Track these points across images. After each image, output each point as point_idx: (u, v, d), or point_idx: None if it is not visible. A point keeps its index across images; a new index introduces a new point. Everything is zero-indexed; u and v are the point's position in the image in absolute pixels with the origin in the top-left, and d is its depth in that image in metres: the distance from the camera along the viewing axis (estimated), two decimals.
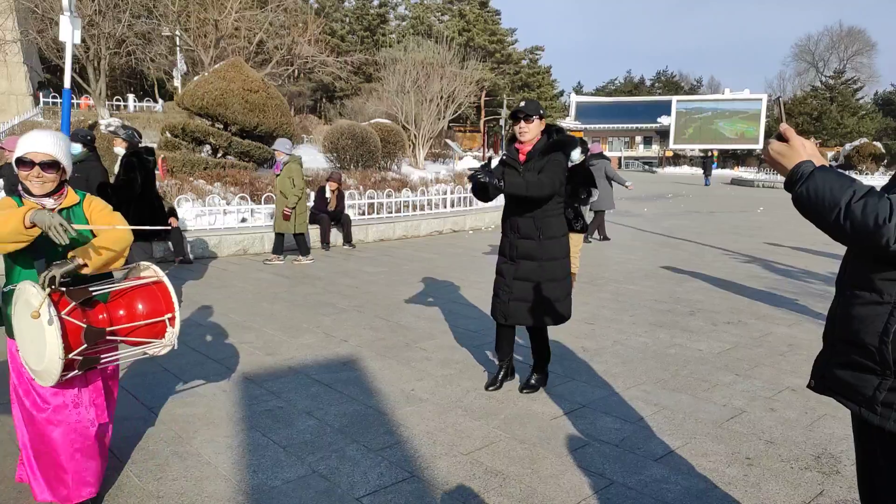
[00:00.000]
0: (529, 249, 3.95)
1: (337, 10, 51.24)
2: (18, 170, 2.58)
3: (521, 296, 3.99)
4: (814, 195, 1.54)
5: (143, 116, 23.22)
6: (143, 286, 2.77)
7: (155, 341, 2.77)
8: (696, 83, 77.38)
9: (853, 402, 1.67)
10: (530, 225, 3.92)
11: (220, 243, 9.77)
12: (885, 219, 1.43)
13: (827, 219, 1.52)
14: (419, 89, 23.31)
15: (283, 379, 4.44)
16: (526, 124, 3.87)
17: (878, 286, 1.57)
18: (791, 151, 1.62)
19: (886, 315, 1.55)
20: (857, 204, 1.46)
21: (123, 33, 21.58)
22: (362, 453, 3.33)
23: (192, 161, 13.16)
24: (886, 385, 1.57)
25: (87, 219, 2.73)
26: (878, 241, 1.45)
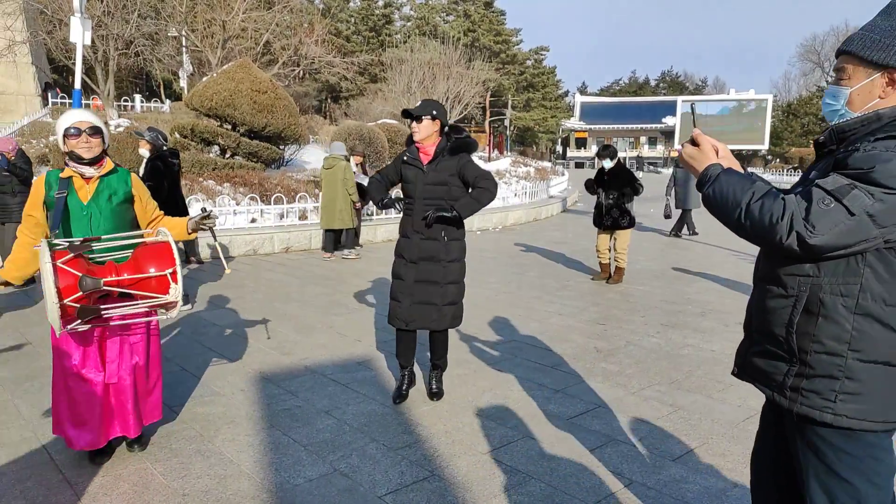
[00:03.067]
0: (433, 251, 3.86)
1: (342, 10, 51.33)
2: (67, 141, 2.99)
3: (423, 299, 3.89)
4: (719, 195, 1.67)
5: (150, 117, 23.29)
6: (150, 245, 2.97)
7: (160, 297, 2.91)
8: (700, 83, 77.32)
9: (767, 387, 1.80)
10: (436, 226, 3.84)
11: (231, 244, 9.82)
12: (778, 217, 1.55)
13: (731, 217, 1.65)
14: (425, 89, 23.36)
15: (299, 378, 4.48)
16: (417, 124, 3.83)
17: (783, 280, 1.70)
18: (701, 155, 1.76)
19: (791, 307, 1.68)
20: (756, 204, 1.59)
21: (131, 34, 21.68)
22: (382, 452, 3.36)
23: (202, 161, 13.23)
24: (794, 371, 1.71)
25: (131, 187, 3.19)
26: (773, 237, 1.57)
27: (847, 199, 1.51)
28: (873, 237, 1.53)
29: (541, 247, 11.15)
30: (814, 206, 1.53)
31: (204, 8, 25.80)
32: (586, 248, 10.47)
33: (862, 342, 1.61)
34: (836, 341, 1.63)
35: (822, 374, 1.66)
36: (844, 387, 1.63)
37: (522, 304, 6.76)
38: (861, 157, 1.55)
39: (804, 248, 1.55)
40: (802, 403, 1.69)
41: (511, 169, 20.76)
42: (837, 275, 1.61)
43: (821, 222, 1.52)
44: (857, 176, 1.53)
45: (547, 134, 60.59)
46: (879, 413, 1.63)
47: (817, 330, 1.64)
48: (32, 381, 4.37)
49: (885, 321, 1.59)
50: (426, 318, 3.91)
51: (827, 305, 1.62)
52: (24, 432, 3.54)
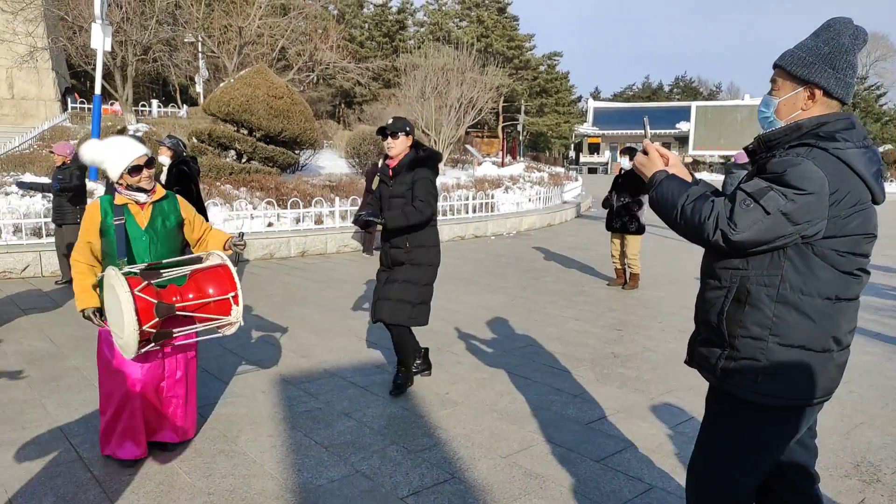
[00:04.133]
0: (399, 256, 4.15)
1: (356, 16, 51.62)
2: (129, 177, 3.02)
3: (385, 295, 4.16)
4: (661, 198, 1.88)
5: (167, 122, 23.56)
6: (209, 269, 3.07)
7: (223, 318, 3.06)
8: (715, 88, 76.89)
9: (706, 371, 1.99)
10: (399, 235, 4.10)
11: (248, 247, 9.92)
12: (706, 217, 1.76)
13: (670, 217, 1.86)
14: (439, 95, 23.44)
15: (319, 381, 4.52)
16: (392, 140, 4.03)
17: (717, 274, 1.89)
18: (650, 163, 1.97)
19: (723, 297, 1.87)
20: (689, 206, 1.81)
21: (149, 40, 21.96)
22: (403, 454, 3.39)
23: (218, 166, 13.36)
24: (724, 355, 1.90)
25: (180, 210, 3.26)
26: (702, 235, 1.78)
27: (764, 200, 1.69)
28: (789, 233, 1.71)
29: (556, 252, 11.15)
30: (736, 207, 1.72)
31: (220, 14, 26.08)
32: (601, 254, 10.47)
33: (781, 328, 1.79)
34: (760, 327, 1.81)
35: (747, 357, 1.84)
36: (766, 368, 1.82)
37: (538, 309, 6.78)
38: (777, 162, 1.74)
39: (728, 244, 1.74)
40: (729, 383, 1.89)
41: (525, 174, 20.76)
42: (762, 267, 1.79)
43: (742, 221, 1.70)
44: (773, 179, 1.72)
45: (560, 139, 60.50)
46: (795, 392, 1.82)
47: (744, 317, 1.83)
48: (59, 380, 4.45)
49: (802, 309, 1.77)
50: (383, 312, 4.14)
51: (753, 295, 1.81)
52: (52, 430, 3.61)
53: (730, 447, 1.94)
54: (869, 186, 1.75)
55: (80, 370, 4.66)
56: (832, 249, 1.74)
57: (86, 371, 4.61)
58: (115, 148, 3.06)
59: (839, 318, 1.81)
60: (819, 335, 1.80)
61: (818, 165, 1.69)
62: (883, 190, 1.82)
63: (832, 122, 1.77)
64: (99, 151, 3.08)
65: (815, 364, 1.81)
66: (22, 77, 22.15)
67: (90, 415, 3.84)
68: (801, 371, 1.81)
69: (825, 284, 1.76)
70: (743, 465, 1.93)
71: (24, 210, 9.59)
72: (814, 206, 1.68)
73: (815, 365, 1.81)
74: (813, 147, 1.74)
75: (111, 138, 3.16)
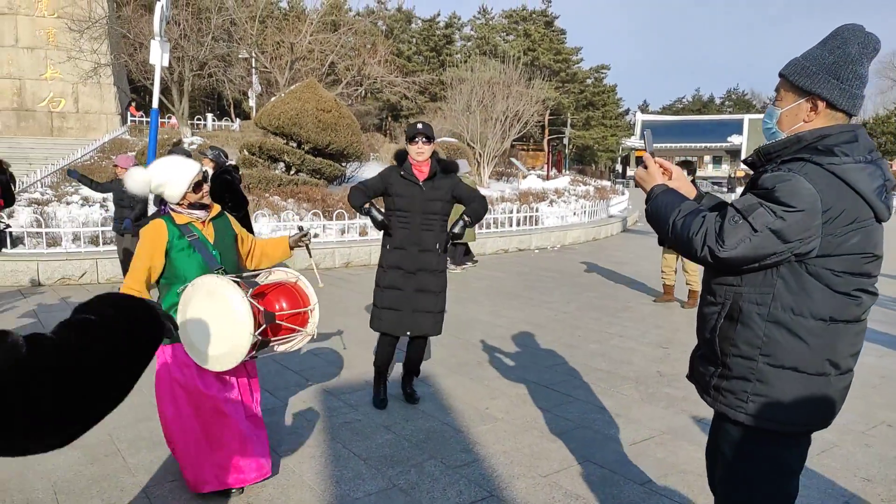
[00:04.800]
0: (429, 261, 4.10)
1: (404, 31, 52.37)
2: (194, 194, 2.98)
3: (423, 308, 4.10)
4: (654, 212, 1.87)
5: (221, 135, 24.28)
6: (286, 284, 3.12)
7: (303, 329, 3.08)
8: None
9: (701, 387, 1.95)
10: (431, 239, 4.08)
11: (294, 258, 10.07)
12: (695, 233, 1.72)
13: (663, 231, 1.84)
14: (484, 108, 23.49)
15: (359, 392, 4.53)
16: (425, 145, 4.05)
17: (713, 290, 1.86)
18: (649, 176, 1.95)
19: (717, 314, 1.83)
20: (679, 220, 1.78)
21: (205, 56, 22.72)
22: (441, 469, 3.36)
23: (268, 178, 13.67)
24: (717, 373, 1.86)
25: (233, 227, 3.23)
26: (691, 250, 1.75)
27: (752, 217, 1.65)
28: (780, 251, 1.65)
29: (601, 266, 10.97)
30: (725, 223, 1.68)
31: (273, 31, 26.83)
32: (648, 270, 10.24)
33: (771, 347, 1.74)
34: (750, 346, 1.76)
35: (738, 376, 1.80)
36: (756, 388, 1.77)
37: (582, 325, 6.66)
38: (768, 177, 1.69)
39: (716, 260, 1.70)
40: (721, 402, 1.85)
41: (570, 187, 20.55)
42: (756, 285, 1.74)
43: (730, 238, 1.66)
44: (763, 195, 1.67)
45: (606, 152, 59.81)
46: (787, 416, 1.75)
47: (736, 335, 1.79)
48: None
49: (793, 329, 1.71)
50: (425, 326, 4.13)
51: (745, 312, 1.76)
52: (100, 435, 3.71)
53: (736, 473, 1.87)
54: (870, 203, 1.65)
55: None
56: (827, 269, 1.67)
57: None
58: (175, 168, 2.98)
59: (836, 340, 1.72)
60: (813, 357, 1.72)
61: (810, 181, 1.62)
62: (889, 207, 1.73)
63: (834, 135, 1.69)
64: (156, 176, 2.96)
65: (809, 388, 1.74)
66: (86, 92, 23.18)
67: (136, 420, 3.93)
68: (794, 394, 1.74)
69: (819, 305, 1.69)
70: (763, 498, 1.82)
71: (82, 219, 9.99)
72: (804, 223, 1.61)
73: (810, 389, 1.74)
74: (807, 162, 1.66)
75: (162, 161, 3.05)
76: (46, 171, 15.50)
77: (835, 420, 4.05)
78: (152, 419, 3.92)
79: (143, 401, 4.27)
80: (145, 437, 3.72)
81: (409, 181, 4.07)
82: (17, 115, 22.89)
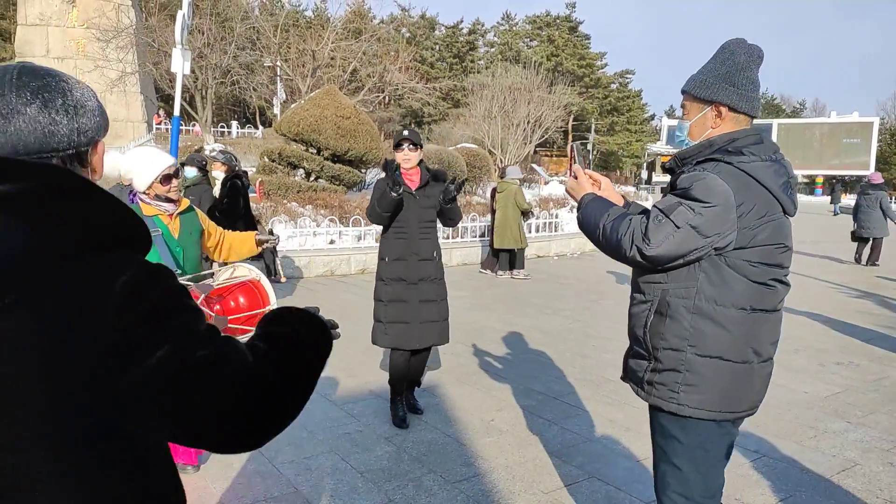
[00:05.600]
0: (429, 270, 4.05)
1: (427, 38, 52.54)
2: (161, 186, 2.96)
3: (429, 318, 4.03)
4: (585, 219, 1.98)
5: (244, 142, 24.56)
6: (242, 283, 2.99)
7: None
8: (798, 106, 73.50)
9: (635, 384, 2.02)
10: (429, 247, 4.05)
11: (310, 264, 10.07)
12: (622, 235, 1.83)
13: (594, 237, 1.94)
14: (506, 114, 23.39)
15: (363, 402, 4.45)
16: (412, 152, 3.99)
17: (642, 288, 1.96)
18: (579, 186, 2.07)
19: (647, 311, 1.92)
20: (608, 225, 1.88)
21: (229, 64, 22.99)
22: (439, 484, 3.25)
23: (287, 184, 13.72)
24: (650, 367, 1.94)
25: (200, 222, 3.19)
26: (620, 251, 1.85)
27: (673, 215, 1.76)
28: (701, 246, 1.76)
29: (620, 273, 10.77)
30: (650, 223, 1.79)
31: (296, 39, 27.06)
32: None
33: (697, 338, 1.84)
34: (678, 338, 1.86)
35: (669, 368, 1.89)
36: (686, 378, 1.86)
37: (596, 334, 6.51)
38: (685, 178, 1.82)
39: (645, 258, 1.80)
40: (654, 395, 1.93)
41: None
42: (681, 280, 1.85)
43: (655, 236, 1.77)
44: (682, 194, 1.79)
45: (631, 158, 59.17)
46: (716, 403, 1.85)
47: (665, 329, 1.88)
48: None
49: (716, 319, 1.82)
50: (433, 336, 4.06)
51: (672, 307, 1.86)
52: None
53: (674, 469, 1.94)
54: (777, 198, 1.80)
55: None
56: (744, 260, 1.79)
57: None
58: (146, 157, 3.00)
59: (757, 328, 1.84)
60: (736, 346, 1.83)
61: (723, 179, 1.75)
62: (793, 202, 1.86)
63: (742, 138, 1.85)
64: (127, 162, 3.04)
65: (735, 375, 1.84)
66: (113, 100, 23.62)
67: None
68: (721, 382, 1.84)
69: (738, 295, 1.80)
70: (695, 487, 1.90)
71: None
72: (721, 218, 1.73)
73: (736, 376, 1.84)
74: (719, 162, 1.81)
75: (138, 149, 3.09)
76: None
77: (855, 437, 3.87)
78: None
79: None
80: None
81: (402, 191, 3.94)
82: None
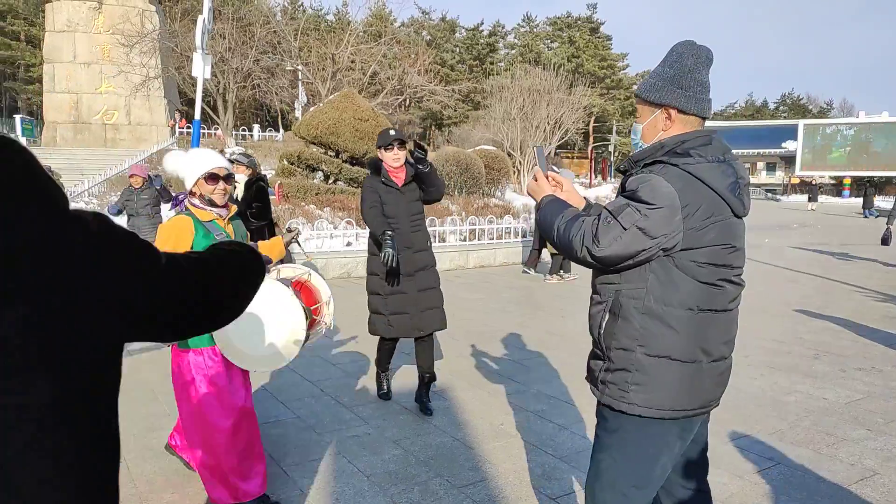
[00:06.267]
0: (425, 260, 4.25)
1: (448, 40, 52.61)
2: (205, 184, 2.85)
3: (428, 305, 4.22)
4: (542, 220, 2.01)
5: (265, 145, 24.82)
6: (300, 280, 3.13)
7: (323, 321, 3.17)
8: (825, 106, 72.17)
9: (591, 383, 2.05)
10: (421, 238, 4.25)
11: (326, 266, 10.11)
12: (573, 236, 1.86)
13: (551, 238, 1.96)
14: (525, 116, 23.30)
15: (373, 405, 4.44)
16: (400, 151, 4.12)
17: (598, 289, 1.99)
18: (539, 188, 2.10)
19: (602, 311, 1.95)
20: (562, 225, 1.91)
21: (250, 68, 23.24)
22: (445, 489, 3.23)
23: (306, 187, 13.82)
24: (604, 367, 1.97)
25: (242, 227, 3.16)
26: (572, 252, 1.87)
27: (621, 217, 1.78)
28: (649, 247, 1.78)
29: None
30: (600, 224, 1.81)
31: (317, 43, 27.27)
32: None
33: (646, 338, 1.86)
34: (629, 338, 1.88)
35: (620, 368, 1.91)
36: (635, 378, 1.88)
37: None
38: (632, 180, 1.84)
39: (595, 259, 1.83)
40: (606, 394, 1.96)
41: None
42: (632, 281, 1.87)
43: (604, 237, 1.79)
44: (629, 196, 1.81)
45: None
46: (665, 402, 1.86)
47: (617, 329, 1.90)
48: (127, 393, 4.61)
49: (664, 319, 1.84)
50: (434, 322, 4.24)
51: (624, 307, 1.88)
52: None
53: (612, 461, 1.97)
54: (724, 199, 1.81)
55: (149, 383, 4.82)
56: (691, 261, 1.81)
57: (153, 385, 4.77)
58: (197, 155, 2.93)
59: (705, 328, 1.85)
60: (684, 345, 1.84)
61: (669, 181, 1.77)
62: (742, 202, 1.86)
63: (692, 140, 1.87)
64: (180, 158, 2.96)
65: (683, 374, 1.86)
66: (137, 104, 24.03)
67: (148, 430, 3.93)
68: (670, 381, 1.86)
69: (686, 295, 1.82)
70: (627, 479, 1.93)
71: None
72: (666, 219, 1.75)
73: (684, 375, 1.86)
74: (665, 164, 1.83)
75: (193, 149, 3.05)
76: (94, 182, 16.05)
77: (875, 445, 3.77)
78: (164, 429, 3.92)
79: (158, 410, 4.29)
80: (153, 447, 3.71)
81: (390, 187, 4.17)
82: (73, 127, 23.89)
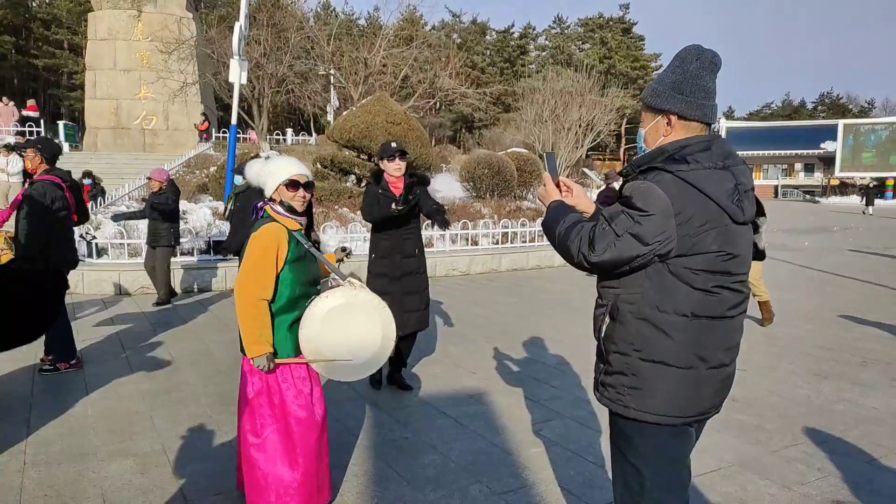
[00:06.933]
0: (412, 265, 4.60)
1: (479, 43, 52.60)
2: (286, 191, 2.82)
3: (411, 307, 4.58)
4: (545, 224, 2.04)
5: (298, 149, 25.07)
6: None
7: None
8: (866, 105, 70.15)
9: (594, 385, 2.07)
10: (411, 246, 4.60)
11: (360, 269, 10.17)
12: (571, 240, 1.88)
13: (553, 242, 1.99)
14: (557, 118, 23.16)
15: (410, 409, 4.44)
16: (401, 161, 4.43)
17: (600, 293, 2.01)
18: (547, 194, 2.12)
19: (602, 315, 1.98)
20: (562, 230, 1.93)
21: (284, 73, 23.54)
22: (485, 495, 3.20)
23: (339, 190, 13.93)
24: (603, 370, 2.00)
25: None
26: (569, 256, 1.89)
27: (615, 223, 1.79)
28: (643, 253, 1.78)
29: None
30: (596, 231, 1.83)
31: (349, 47, 27.48)
32: None
33: (641, 343, 1.87)
34: (625, 342, 1.90)
35: (617, 371, 1.94)
36: (631, 382, 1.91)
37: None
38: (628, 186, 1.85)
39: (590, 265, 1.84)
40: (605, 397, 2.00)
41: None
42: (630, 286, 1.88)
43: (599, 243, 1.80)
44: (624, 203, 1.83)
45: None
46: (661, 407, 1.87)
47: (615, 333, 1.93)
48: (170, 393, 4.69)
49: (659, 325, 1.84)
50: (412, 323, 4.59)
51: (621, 312, 1.90)
52: (153, 444, 3.79)
53: (627, 464, 1.96)
54: (720, 206, 1.79)
55: (190, 385, 4.90)
56: (685, 268, 1.80)
57: (196, 386, 4.85)
58: (277, 160, 2.92)
59: (701, 335, 1.84)
60: (679, 351, 1.84)
61: (662, 188, 1.77)
62: (742, 209, 1.83)
63: (691, 145, 1.85)
64: (262, 166, 2.94)
65: (678, 381, 1.86)
66: (175, 110, 24.51)
67: (191, 432, 3.99)
68: (665, 387, 1.86)
69: (680, 302, 1.82)
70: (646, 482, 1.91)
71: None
72: (659, 226, 1.75)
73: (679, 382, 1.86)
74: (660, 171, 1.82)
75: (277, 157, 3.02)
76: (133, 186, 16.42)
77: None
78: (204, 431, 3.98)
79: (200, 411, 4.35)
80: (197, 448, 3.76)
81: (388, 198, 4.39)
82: (114, 132, 24.49)
